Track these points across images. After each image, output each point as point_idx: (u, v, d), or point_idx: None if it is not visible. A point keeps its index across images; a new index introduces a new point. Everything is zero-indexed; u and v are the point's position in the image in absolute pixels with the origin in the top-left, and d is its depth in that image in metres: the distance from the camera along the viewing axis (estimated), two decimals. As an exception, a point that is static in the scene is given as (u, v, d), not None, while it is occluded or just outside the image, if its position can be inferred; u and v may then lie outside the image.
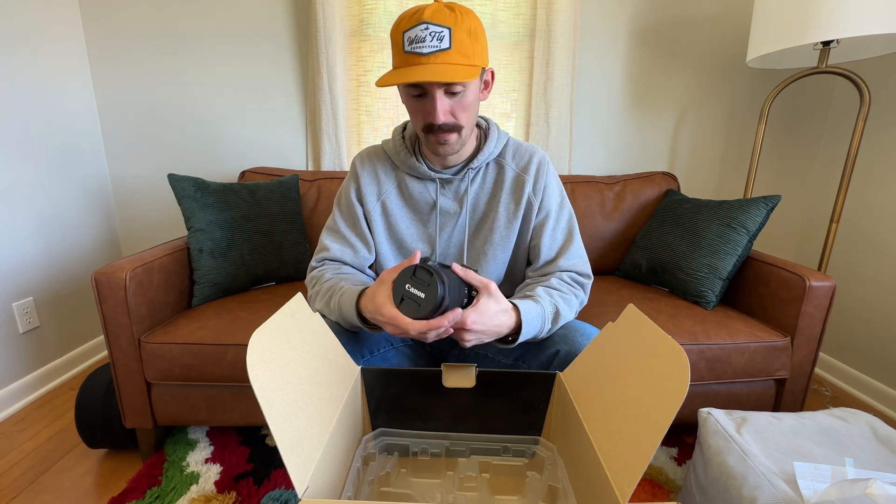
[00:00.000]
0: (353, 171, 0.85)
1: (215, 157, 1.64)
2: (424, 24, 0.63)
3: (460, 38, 0.65)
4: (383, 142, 0.87)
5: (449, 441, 0.63)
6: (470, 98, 0.70)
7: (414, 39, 0.64)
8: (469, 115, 0.72)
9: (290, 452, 0.39)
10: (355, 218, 0.83)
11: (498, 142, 0.83)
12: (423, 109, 0.70)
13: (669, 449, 1.15)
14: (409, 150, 0.82)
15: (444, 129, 0.70)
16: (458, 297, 0.61)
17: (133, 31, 1.53)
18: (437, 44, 0.63)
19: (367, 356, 0.76)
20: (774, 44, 1.21)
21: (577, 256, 0.83)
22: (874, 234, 1.43)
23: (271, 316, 0.47)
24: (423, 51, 0.64)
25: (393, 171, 0.84)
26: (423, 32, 0.63)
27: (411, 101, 0.71)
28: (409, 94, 0.70)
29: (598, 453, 0.46)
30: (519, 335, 0.67)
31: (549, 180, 0.83)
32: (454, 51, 0.64)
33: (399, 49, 0.66)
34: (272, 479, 1.03)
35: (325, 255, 0.83)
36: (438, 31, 0.63)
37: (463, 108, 0.70)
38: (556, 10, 1.45)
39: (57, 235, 1.46)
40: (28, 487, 1.02)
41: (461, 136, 0.73)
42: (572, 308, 0.77)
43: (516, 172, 0.83)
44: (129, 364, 1.02)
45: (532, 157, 0.83)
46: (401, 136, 0.83)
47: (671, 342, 0.44)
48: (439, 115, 0.68)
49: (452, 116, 0.70)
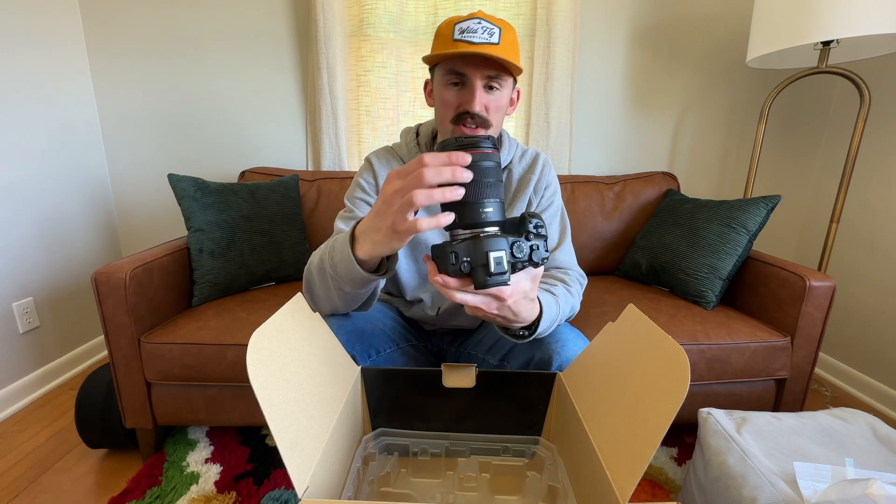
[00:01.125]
0: (368, 167, 0.85)
1: (215, 157, 1.64)
2: (478, 19, 0.67)
3: (508, 40, 0.68)
4: (395, 145, 0.87)
5: (449, 441, 0.63)
6: (503, 100, 0.72)
7: (466, 30, 0.66)
8: (498, 117, 0.73)
9: (290, 452, 0.39)
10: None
11: (510, 149, 0.85)
12: (458, 98, 0.71)
13: (669, 449, 1.15)
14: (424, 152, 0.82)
15: (476, 120, 0.70)
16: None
17: (133, 31, 1.53)
18: (487, 37, 0.66)
19: (374, 356, 0.76)
20: (774, 44, 1.21)
21: (570, 254, 0.85)
22: (874, 234, 1.43)
23: (271, 316, 0.47)
24: (473, 39, 0.66)
25: None
26: (476, 25, 0.66)
27: (446, 91, 0.72)
28: (446, 81, 0.71)
29: (598, 453, 0.46)
30: (531, 330, 0.64)
31: (550, 180, 0.86)
32: (502, 47, 0.67)
33: (447, 38, 0.68)
34: (272, 479, 1.03)
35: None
36: (490, 27, 0.66)
37: (496, 107, 0.71)
38: (556, 10, 1.45)
39: (57, 235, 1.46)
40: (28, 487, 1.02)
41: (488, 135, 0.74)
42: (573, 310, 0.78)
43: (522, 173, 0.85)
44: (129, 364, 1.02)
45: (537, 159, 0.86)
46: (415, 140, 0.84)
47: (671, 342, 0.44)
48: (477, 102, 0.69)
49: (486, 111, 0.71)
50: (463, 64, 0.68)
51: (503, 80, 0.70)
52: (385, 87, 1.54)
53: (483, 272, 0.46)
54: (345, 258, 0.58)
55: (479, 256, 0.46)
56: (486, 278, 0.46)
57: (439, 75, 0.73)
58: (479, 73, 0.68)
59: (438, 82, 0.73)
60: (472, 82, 0.69)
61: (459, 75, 0.69)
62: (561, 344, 0.69)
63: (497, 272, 0.46)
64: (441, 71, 0.72)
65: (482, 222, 0.47)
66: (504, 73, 0.69)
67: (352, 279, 0.60)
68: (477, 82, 0.68)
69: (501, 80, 0.70)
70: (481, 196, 0.47)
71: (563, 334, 0.72)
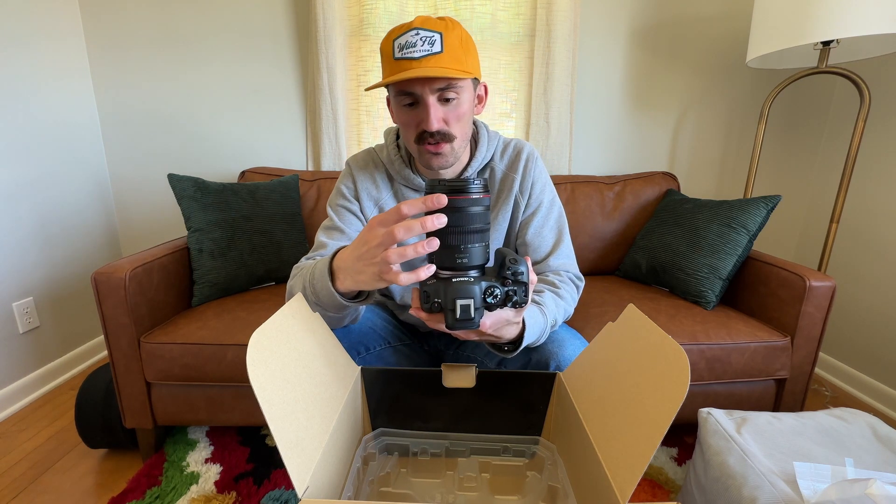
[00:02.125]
0: (348, 173, 0.83)
1: (215, 157, 1.64)
2: (415, 30, 0.63)
3: (452, 44, 0.64)
4: (377, 147, 0.84)
5: (449, 441, 0.63)
6: (464, 107, 0.69)
7: (405, 45, 0.63)
8: (462, 125, 0.70)
9: (290, 452, 0.39)
10: (354, 215, 0.81)
11: (489, 145, 0.81)
12: (415, 118, 0.68)
13: (669, 449, 1.15)
14: (405, 160, 0.80)
15: (438, 137, 0.68)
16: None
17: (133, 31, 1.53)
18: (428, 48, 0.62)
19: (363, 353, 0.75)
20: (774, 44, 1.21)
21: (567, 257, 0.82)
22: (874, 234, 1.43)
23: (271, 316, 0.47)
24: (414, 55, 0.62)
25: (388, 182, 0.82)
26: (414, 38, 0.62)
27: (403, 112, 0.70)
28: (400, 103, 0.69)
29: (598, 453, 0.46)
30: (517, 345, 0.64)
31: (536, 176, 0.81)
32: (446, 55, 0.63)
33: (389, 58, 0.65)
34: (272, 479, 1.03)
35: (321, 253, 0.77)
36: (430, 36, 0.62)
37: (457, 116, 0.68)
38: (556, 10, 1.45)
39: (57, 235, 1.46)
40: (28, 487, 1.02)
41: (454, 147, 0.71)
42: (567, 314, 0.76)
43: (504, 172, 0.81)
44: (129, 364, 1.02)
45: (519, 154, 0.81)
46: (395, 144, 0.81)
47: (671, 342, 0.44)
48: (433, 121, 0.66)
49: (445, 124, 0.68)
50: (409, 84, 0.65)
51: (458, 88, 0.66)
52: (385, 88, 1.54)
53: (451, 315, 0.49)
54: (325, 289, 0.59)
55: (448, 301, 0.48)
56: (453, 321, 0.49)
57: (392, 97, 0.71)
58: (428, 88, 0.64)
59: (393, 104, 0.71)
60: (424, 100, 0.66)
61: (410, 94, 0.66)
62: (558, 345, 0.69)
63: (462, 318, 0.48)
64: (392, 92, 0.70)
65: (459, 266, 0.49)
66: (457, 81, 0.66)
67: (334, 307, 0.61)
68: (429, 99, 0.65)
69: (455, 88, 0.66)
70: (463, 241, 0.48)
71: (561, 335, 0.72)
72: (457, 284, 0.48)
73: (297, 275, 0.69)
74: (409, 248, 0.47)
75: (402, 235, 0.46)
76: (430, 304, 0.49)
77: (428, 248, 0.46)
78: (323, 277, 0.58)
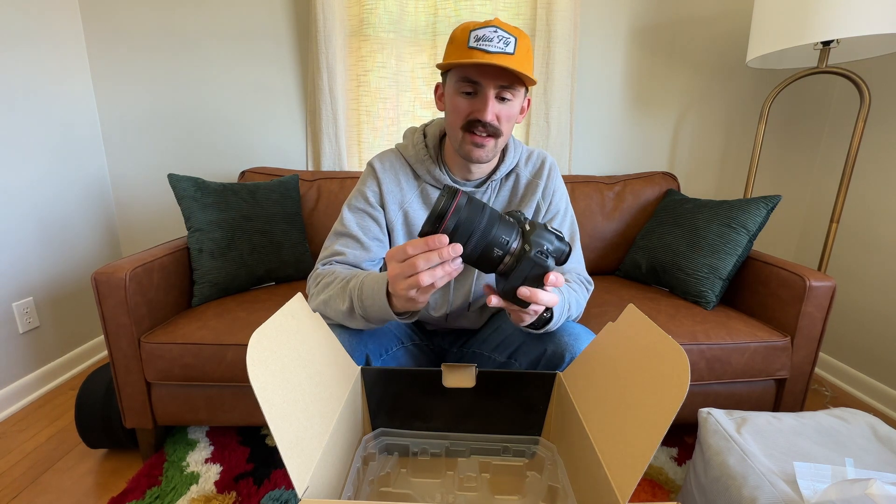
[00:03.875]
0: (373, 176, 0.82)
1: (215, 157, 1.64)
2: (494, 27, 0.66)
3: (522, 51, 0.67)
4: (400, 147, 0.84)
5: (449, 441, 0.63)
6: (514, 110, 0.72)
7: (482, 38, 0.65)
8: (509, 126, 0.73)
9: (290, 452, 0.39)
10: (376, 222, 0.80)
11: (516, 153, 0.84)
12: (470, 107, 0.71)
13: (669, 449, 1.15)
14: (433, 158, 0.81)
15: (488, 129, 0.70)
16: (486, 236, 0.53)
17: (133, 31, 1.53)
18: (503, 46, 0.65)
19: (384, 354, 0.76)
20: (774, 44, 1.21)
21: (578, 262, 0.85)
22: (874, 234, 1.43)
23: (271, 316, 0.47)
24: (489, 48, 0.65)
25: (415, 181, 0.82)
26: (493, 34, 0.65)
27: (458, 98, 0.71)
28: (459, 89, 0.70)
29: (598, 453, 0.46)
30: (545, 322, 0.66)
31: (557, 185, 0.86)
32: (516, 58, 0.66)
33: (462, 45, 0.67)
34: (272, 479, 1.03)
35: (340, 259, 0.78)
36: (506, 37, 0.66)
37: (507, 117, 0.71)
38: (556, 10, 1.45)
39: (57, 235, 1.46)
40: (28, 487, 1.02)
41: (496, 144, 0.74)
42: (580, 307, 0.78)
43: (529, 178, 0.84)
44: (129, 364, 1.02)
45: (544, 163, 0.85)
46: (423, 143, 0.81)
47: (671, 342, 0.44)
48: (489, 112, 0.69)
49: (497, 120, 0.71)
50: (477, 73, 0.68)
51: (515, 91, 0.70)
52: (385, 87, 1.54)
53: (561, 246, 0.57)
54: (381, 309, 0.62)
55: (525, 264, 0.54)
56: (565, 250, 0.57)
57: (452, 82, 0.72)
58: (493, 82, 0.68)
59: (451, 88, 0.73)
60: (485, 92, 0.68)
61: (473, 84, 0.69)
62: (574, 337, 0.70)
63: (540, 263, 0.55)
64: (454, 78, 0.71)
65: (502, 256, 0.54)
66: (517, 84, 0.69)
67: (382, 321, 0.66)
68: (490, 92, 0.68)
69: (514, 90, 0.70)
70: (487, 242, 0.53)
71: (575, 329, 0.73)
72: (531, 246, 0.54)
73: (330, 284, 0.71)
74: (437, 277, 0.52)
75: (422, 265, 0.51)
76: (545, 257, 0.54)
77: (454, 266, 0.52)
78: (379, 296, 0.61)
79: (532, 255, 0.53)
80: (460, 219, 0.51)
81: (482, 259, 0.54)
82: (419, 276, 0.51)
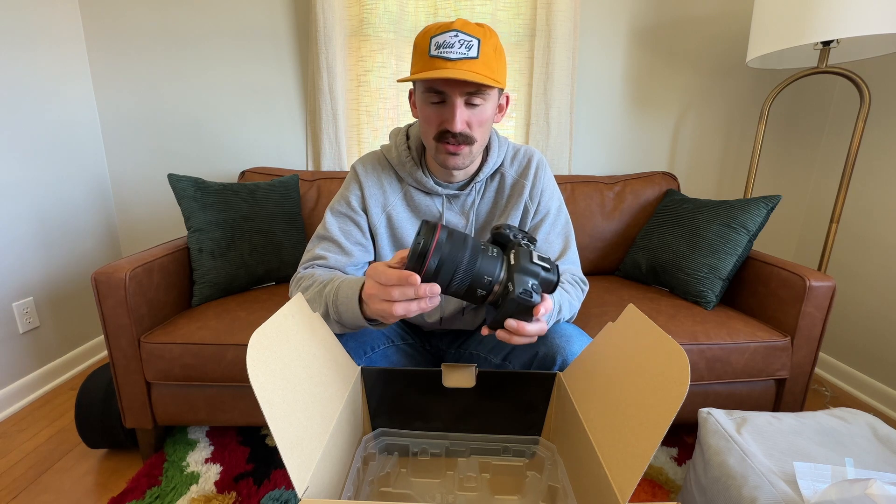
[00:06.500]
0: (355, 179, 0.81)
1: (215, 157, 1.64)
2: (454, 31, 0.64)
3: (487, 52, 0.65)
4: (384, 148, 0.83)
5: (449, 441, 0.63)
6: (487, 114, 0.70)
7: (442, 44, 0.63)
8: (483, 131, 0.71)
9: (290, 452, 0.39)
10: (358, 227, 0.80)
11: (500, 151, 0.82)
12: (439, 116, 0.69)
13: (669, 449, 1.15)
14: (416, 161, 0.80)
15: (459, 139, 0.69)
16: (470, 271, 0.52)
17: (133, 31, 1.53)
18: (464, 51, 0.63)
19: (369, 353, 0.76)
20: (774, 44, 1.21)
21: (573, 262, 0.84)
22: (874, 234, 1.43)
23: (271, 316, 0.47)
24: (450, 56, 0.63)
25: (398, 184, 0.82)
26: (453, 39, 0.63)
27: (427, 108, 0.70)
28: (427, 100, 0.69)
29: (598, 453, 0.46)
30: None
31: (545, 184, 0.83)
32: (480, 62, 0.64)
33: (424, 53, 0.66)
34: (272, 479, 1.03)
35: (321, 263, 0.77)
36: (468, 40, 0.63)
37: (479, 122, 0.70)
38: (556, 10, 1.45)
39: (57, 235, 1.46)
40: (28, 487, 1.02)
41: (472, 151, 0.72)
42: (573, 308, 0.78)
43: (515, 178, 0.83)
44: (129, 364, 1.02)
45: (530, 161, 0.83)
46: (405, 145, 0.80)
47: (671, 342, 0.44)
48: (457, 122, 0.67)
49: (468, 127, 0.69)
50: (441, 83, 0.66)
51: (485, 94, 0.68)
52: (385, 87, 1.54)
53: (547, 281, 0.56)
54: (353, 316, 0.62)
55: (510, 301, 0.53)
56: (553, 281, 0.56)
57: (419, 92, 0.71)
58: (459, 90, 0.66)
59: (419, 98, 0.71)
60: (451, 100, 0.67)
61: (439, 93, 0.67)
62: (566, 340, 0.70)
63: (525, 298, 0.54)
64: (420, 88, 0.70)
65: (489, 285, 0.54)
66: (485, 87, 0.67)
67: (356, 327, 0.66)
68: (457, 100, 0.66)
69: (483, 94, 0.67)
70: (468, 278, 0.52)
71: (568, 331, 0.73)
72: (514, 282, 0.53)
73: (309, 288, 0.71)
74: (411, 310, 0.53)
75: (398, 297, 0.52)
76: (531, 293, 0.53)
77: (431, 303, 0.52)
78: (352, 303, 0.61)
79: (516, 296, 0.52)
80: (443, 255, 0.51)
81: (468, 295, 0.54)
82: (393, 306, 0.52)
